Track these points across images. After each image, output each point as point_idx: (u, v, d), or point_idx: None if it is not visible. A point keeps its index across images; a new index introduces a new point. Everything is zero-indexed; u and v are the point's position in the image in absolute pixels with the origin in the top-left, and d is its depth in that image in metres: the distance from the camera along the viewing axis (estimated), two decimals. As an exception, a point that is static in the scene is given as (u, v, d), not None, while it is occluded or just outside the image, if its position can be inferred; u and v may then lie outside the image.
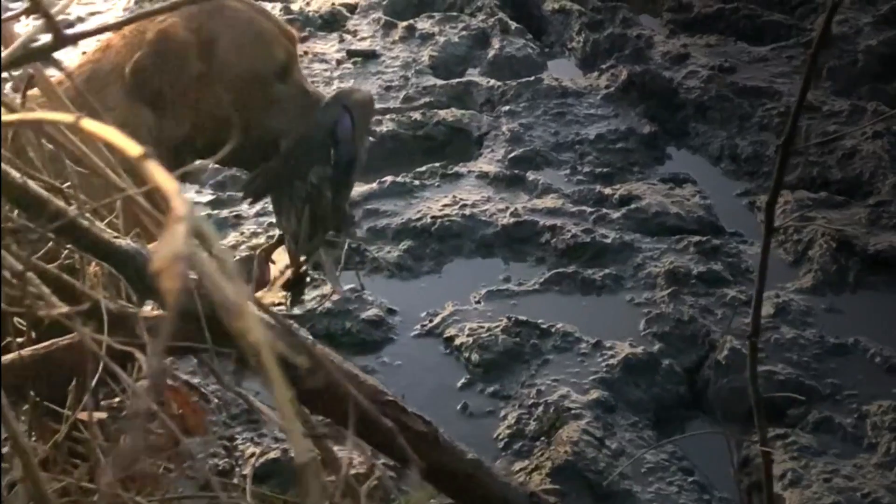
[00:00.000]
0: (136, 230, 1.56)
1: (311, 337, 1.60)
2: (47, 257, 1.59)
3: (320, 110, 2.22)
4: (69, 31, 0.76)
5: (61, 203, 1.40)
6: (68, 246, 1.57)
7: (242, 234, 3.67)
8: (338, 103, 2.24)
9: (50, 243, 1.53)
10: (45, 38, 0.76)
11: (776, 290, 3.30)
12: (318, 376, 1.69)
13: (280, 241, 2.35)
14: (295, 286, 2.45)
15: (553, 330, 3.12)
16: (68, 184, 1.58)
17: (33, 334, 1.64)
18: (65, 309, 1.19)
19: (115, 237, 1.53)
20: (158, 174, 0.56)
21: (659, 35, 5.29)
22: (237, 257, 3.51)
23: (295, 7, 5.75)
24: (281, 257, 2.42)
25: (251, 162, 2.30)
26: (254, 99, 2.19)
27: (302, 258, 2.31)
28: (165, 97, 2.12)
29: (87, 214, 1.50)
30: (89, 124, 0.62)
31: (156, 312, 1.54)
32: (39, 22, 0.73)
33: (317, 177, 2.19)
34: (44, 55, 0.81)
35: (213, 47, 2.18)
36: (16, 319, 1.66)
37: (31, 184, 1.37)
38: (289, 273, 2.35)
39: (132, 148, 0.57)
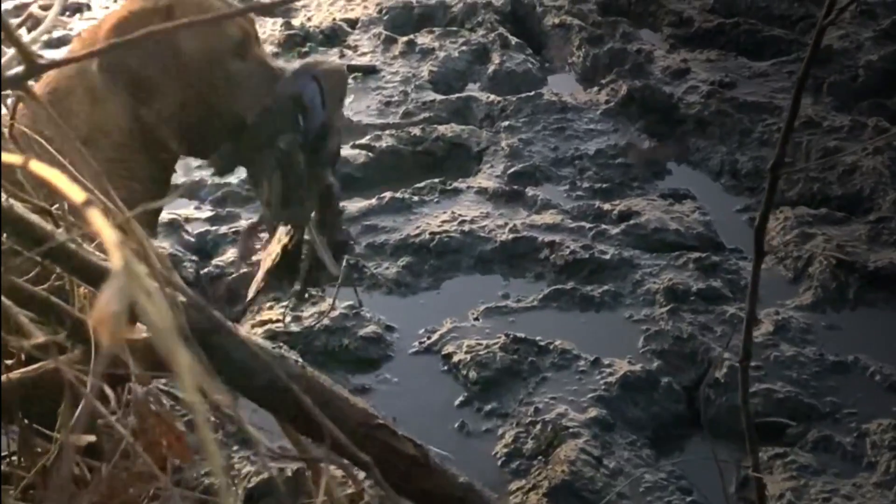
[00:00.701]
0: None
1: (300, 359, 1.59)
2: (35, 279, 1.58)
3: (284, 80, 2.21)
4: (43, 60, 0.75)
5: (49, 226, 1.39)
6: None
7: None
8: (303, 72, 2.23)
9: (37, 267, 1.52)
10: (19, 68, 0.75)
11: (776, 307, 3.29)
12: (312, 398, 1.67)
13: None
14: (285, 269, 2.41)
15: (551, 347, 3.10)
16: (57, 205, 1.57)
17: (23, 356, 1.63)
18: (41, 339, 1.18)
19: (104, 260, 1.52)
20: (100, 223, 0.55)
21: (659, 50, 5.29)
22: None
23: (296, 22, 5.75)
24: (274, 247, 2.39)
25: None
26: (214, 78, 2.16)
27: (285, 231, 2.27)
28: (143, 76, 2.10)
29: (77, 237, 1.49)
30: (37, 167, 0.61)
31: (144, 335, 1.53)
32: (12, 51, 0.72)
33: (285, 143, 2.17)
34: (17, 84, 0.80)
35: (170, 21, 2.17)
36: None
37: (17, 206, 1.36)
38: (277, 251, 2.33)
39: (76, 194, 0.56)
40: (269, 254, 2.45)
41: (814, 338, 3.16)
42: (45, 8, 5.32)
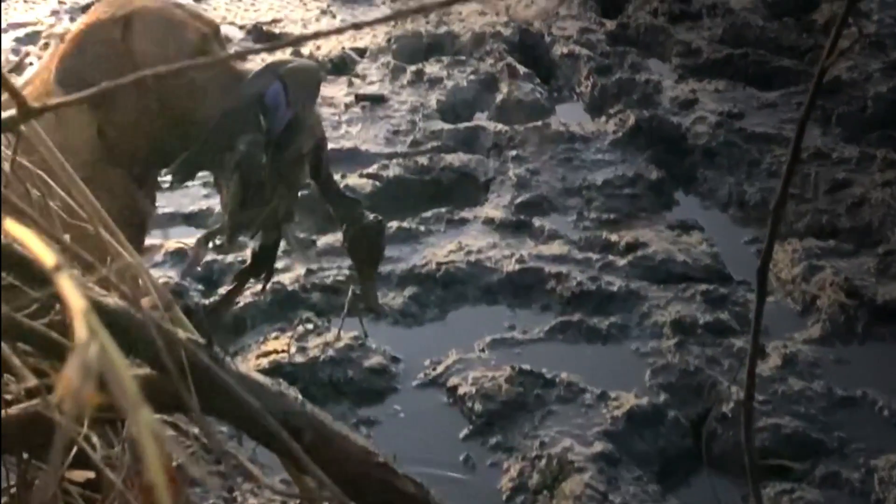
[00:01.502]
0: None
1: (300, 396, 1.57)
2: (35, 311, 1.57)
3: (246, 81, 2.18)
4: (36, 105, 0.74)
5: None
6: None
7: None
8: (266, 72, 2.21)
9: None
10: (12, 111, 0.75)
11: (784, 340, 3.27)
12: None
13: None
14: (256, 270, 2.38)
15: (557, 380, 3.09)
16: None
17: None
18: (33, 382, 1.17)
19: (104, 295, 1.51)
20: (69, 290, 0.54)
21: (667, 80, 5.29)
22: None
23: (305, 51, 5.75)
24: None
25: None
26: (174, 85, 2.13)
27: (241, 232, 2.25)
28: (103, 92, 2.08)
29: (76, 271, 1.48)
30: (11, 226, 0.60)
31: (143, 371, 1.52)
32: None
33: (245, 144, 2.14)
34: (10, 128, 0.79)
35: (128, 36, 2.16)
36: (6, 376, 1.64)
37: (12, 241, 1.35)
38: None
39: (47, 258, 0.55)
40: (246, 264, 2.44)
41: (822, 372, 3.14)
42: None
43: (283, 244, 2.35)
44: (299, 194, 2.31)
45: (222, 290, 3.57)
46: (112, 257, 1.71)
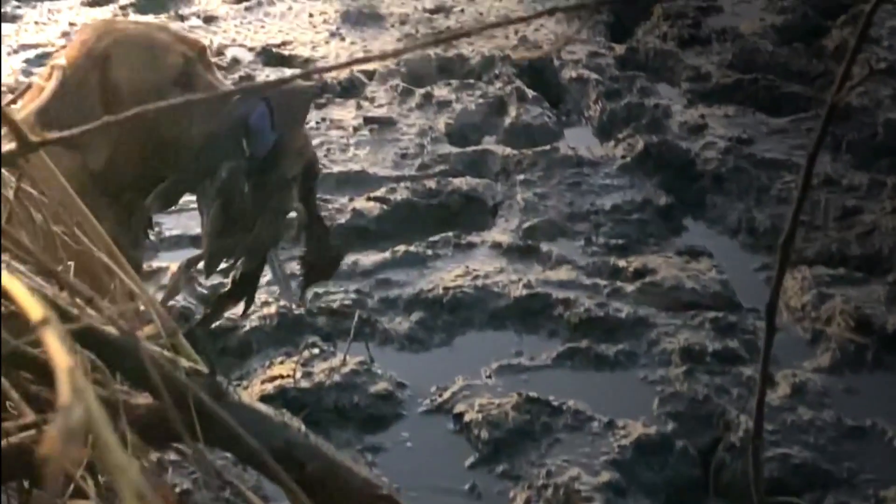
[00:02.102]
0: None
1: (304, 427, 1.56)
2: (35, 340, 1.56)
3: (231, 104, 2.16)
4: (36, 138, 0.73)
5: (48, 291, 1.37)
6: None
7: (254, 302, 3.62)
8: (253, 95, 2.18)
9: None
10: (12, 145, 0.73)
11: (793, 369, 3.24)
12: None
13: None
14: (236, 297, 2.34)
15: (565, 407, 3.06)
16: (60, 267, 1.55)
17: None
18: (31, 417, 1.15)
19: (104, 324, 1.50)
20: (55, 347, 0.52)
21: (677, 105, 5.26)
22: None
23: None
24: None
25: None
26: (158, 111, 2.14)
27: (222, 261, 2.21)
28: (77, 120, 2.06)
29: (78, 300, 1.47)
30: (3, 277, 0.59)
31: (143, 402, 1.50)
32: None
33: (227, 170, 2.11)
34: (10, 161, 0.78)
35: (106, 68, 2.15)
36: (7, 404, 1.62)
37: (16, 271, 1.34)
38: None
39: (34, 311, 0.54)
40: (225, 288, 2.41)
41: (831, 401, 3.12)
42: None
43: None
44: (286, 219, 2.29)
45: (231, 315, 3.56)
46: (115, 284, 1.70)
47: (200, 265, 2.25)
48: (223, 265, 2.23)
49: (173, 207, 2.36)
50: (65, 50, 2.18)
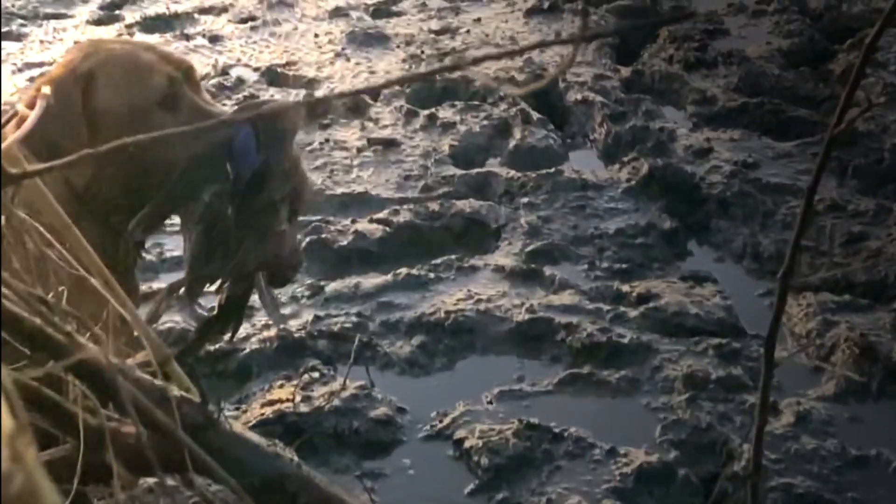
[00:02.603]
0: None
1: (296, 458, 1.53)
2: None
3: (216, 125, 2.12)
4: (16, 171, 0.71)
5: (37, 320, 1.35)
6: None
7: (254, 325, 3.60)
8: (239, 115, 2.14)
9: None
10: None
11: (797, 397, 3.21)
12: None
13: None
14: (223, 323, 2.31)
15: (566, 434, 3.03)
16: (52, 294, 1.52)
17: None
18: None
19: (93, 351, 1.47)
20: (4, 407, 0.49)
21: (682, 128, 5.24)
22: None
23: (319, 94, 5.75)
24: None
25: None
26: (139, 133, 2.11)
27: (204, 287, 2.17)
28: (61, 143, 2.03)
29: (69, 328, 1.45)
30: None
31: (129, 430, 1.48)
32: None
33: (211, 194, 2.07)
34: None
35: (90, 88, 2.13)
36: None
37: (6, 301, 1.32)
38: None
39: (6, 422, 0.51)
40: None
41: (835, 430, 3.08)
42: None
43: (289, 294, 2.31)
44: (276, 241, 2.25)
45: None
46: (108, 308, 1.68)
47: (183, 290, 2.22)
48: (208, 288, 2.21)
49: (171, 228, 2.34)
50: (50, 71, 2.17)
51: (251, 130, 2.09)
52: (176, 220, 2.28)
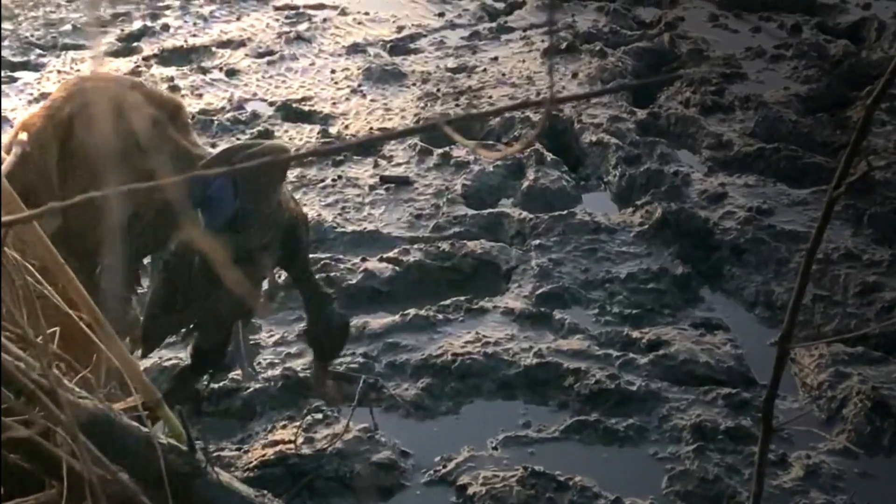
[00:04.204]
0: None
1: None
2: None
3: (196, 169, 2.08)
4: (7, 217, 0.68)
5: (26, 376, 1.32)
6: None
7: (259, 364, 3.57)
8: (218, 160, 2.09)
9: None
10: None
11: (807, 450, 3.16)
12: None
13: None
14: (198, 370, 2.26)
15: (571, 483, 2.99)
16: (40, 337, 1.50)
17: None
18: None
19: (82, 398, 1.44)
20: None
21: (697, 172, 5.20)
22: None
23: (333, 130, 5.74)
24: None
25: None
26: (126, 174, 2.08)
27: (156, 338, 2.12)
28: (36, 190, 2.01)
29: (56, 373, 1.42)
30: None
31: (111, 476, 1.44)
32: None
33: (177, 243, 2.04)
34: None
35: (68, 133, 2.11)
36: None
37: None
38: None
39: None
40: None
41: (845, 485, 3.03)
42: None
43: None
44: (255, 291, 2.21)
45: (234, 376, 3.50)
46: (98, 353, 1.65)
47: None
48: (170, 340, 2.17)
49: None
50: (30, 115, 2.15)
51: (227, 179, 2.05)
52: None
